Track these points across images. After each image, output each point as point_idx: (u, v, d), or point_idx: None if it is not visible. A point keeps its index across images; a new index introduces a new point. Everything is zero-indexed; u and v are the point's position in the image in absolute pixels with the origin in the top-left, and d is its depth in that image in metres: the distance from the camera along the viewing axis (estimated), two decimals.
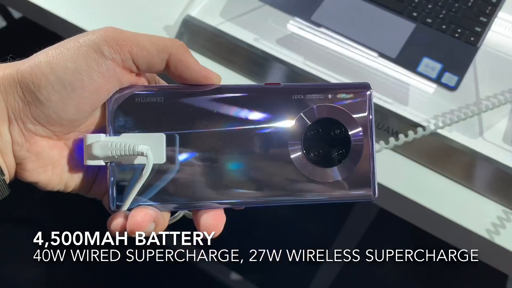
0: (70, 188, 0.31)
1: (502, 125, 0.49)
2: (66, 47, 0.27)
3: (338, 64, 0.52)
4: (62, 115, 0.27)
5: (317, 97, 0.31)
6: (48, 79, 0.26)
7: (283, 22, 0.54)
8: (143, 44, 0.28)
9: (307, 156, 0.30)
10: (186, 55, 0.29)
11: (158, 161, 0.29)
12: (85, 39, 0.27)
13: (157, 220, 0.28)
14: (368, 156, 0.31)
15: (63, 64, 0.27)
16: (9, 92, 0.27)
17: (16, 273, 0.83)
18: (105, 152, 0.28)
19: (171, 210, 0.30)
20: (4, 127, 0.27)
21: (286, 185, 0.30)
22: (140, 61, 0.28)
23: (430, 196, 0.47)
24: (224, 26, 0.54)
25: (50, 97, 0.27)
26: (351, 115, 0.31)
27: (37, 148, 0.28)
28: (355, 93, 0.31)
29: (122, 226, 0.28)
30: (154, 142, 0.29)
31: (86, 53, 0.27)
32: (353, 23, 0.52)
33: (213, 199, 0.30)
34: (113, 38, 0.27)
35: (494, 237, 0.45)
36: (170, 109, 0.30)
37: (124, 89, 0.30)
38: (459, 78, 0.49)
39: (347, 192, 0.30)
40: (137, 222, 0.27)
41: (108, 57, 0.27)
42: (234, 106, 0.30)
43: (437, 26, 0.52)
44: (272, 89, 0.31)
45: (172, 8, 0.58)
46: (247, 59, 0.53)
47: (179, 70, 0.29)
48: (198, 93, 0.30)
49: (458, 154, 0.47)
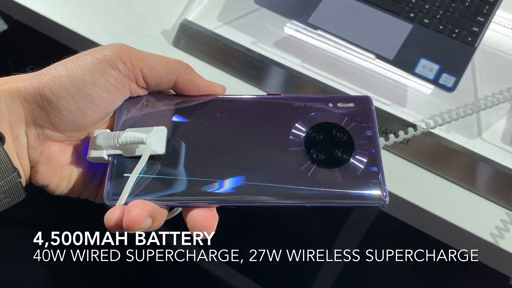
0: (78, 192, 0.33)
1: (500, 125, 0.49)
2: (84, 61, 0.29)
3: (335, 66, 0.52)
4: (80, 122, 0.30)
5: (318, 105, 0.32)
6: (68, 91, 0.29)
7: (280, 25, 0.54)
8: (154, 65, 0.31)
9: (310, 159, 0.31)
10: (192, 74, 0.32)
11: (158, 151, 0.30)
12: (101, 55, 0.30)
13: (153, 214, 0.28)
14: (375, 160, 0.31)
15: (82, 78, 0.29)
16: (29, 100, 0.29)
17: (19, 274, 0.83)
18: (107, 142, 0.30)
19: (168, 205, 0.30)
20: (21, 131, 0.29)
21: (288, 186, 0.30)
22: (150, 81, 0.31)
23: (429, 198, 0.46)
24: (221, 30, 0.54)
25: (70, 107, 0.29)
26: (353, 119, 0.31)
27: (50, 151, 0.30)
28: (355, 101, 0.32)
29: (118, 221, 0.27)
30: (156, 133, 0.30)
31: (104, 69, 0.29)
32: (349, 25, 0.52)
33: (209, 198, 0.29)
34: (127, 56, 0.30)
35: (497, 240, 0.44)
36: (175, 113, 0.32)
37: (134, 97, 0.32)
38: (456, 79, 0.49)
39: (356, 197, 0.29)
40: (133, 217, 0.27)
41: (123, 73, 0.30)
42: (237, 113, 0.32)
43: (435, 26, 0.52)
44: (274, 98, 0.33)
45: (169, 13, 0.58)
46: (245, 63, 0.53)
47: (187, 89, 0.32)
48: (203, 102, 0.32)
49: (457, 155, 0.47)
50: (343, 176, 0.30)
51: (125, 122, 0.31)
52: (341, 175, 0.30)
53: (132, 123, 0.31)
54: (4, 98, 0.28)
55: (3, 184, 0.28)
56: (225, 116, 0.32)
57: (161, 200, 0.29)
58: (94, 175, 0.33)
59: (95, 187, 0.33)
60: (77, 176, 0.32)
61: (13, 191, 0.28)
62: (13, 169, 0.28)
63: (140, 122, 0.31)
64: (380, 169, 0.30)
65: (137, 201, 0.28)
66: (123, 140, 0.29)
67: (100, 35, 0.55)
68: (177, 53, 0.55)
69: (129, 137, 0.29)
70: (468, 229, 0.45)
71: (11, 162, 0.28)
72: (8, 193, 0.28)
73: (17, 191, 0.29)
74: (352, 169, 0.30)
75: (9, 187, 0.28)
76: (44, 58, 0.34)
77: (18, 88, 0.29)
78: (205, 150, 0.31)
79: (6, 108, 0.28)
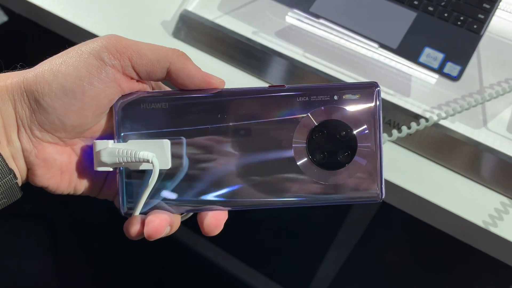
0: (80, 191, 0.32)
1: (506, 114, 0.48)
2: (69, 55, 0.28)
3: (338, 55, 0.51)
4: (65, 121, 0.28)
5: (322, 98, 0.30)
6: (51, 87, 0.27)
7: (282, 14, 0.53)
8: (143, 52, 0.29)
9: (312, 159, 0.30)
10: (187, 63, 0.30)
11: (164, 167, 0.30)
12: (87, 47, 0.28)
13: (172, 223, 0.30)
14: (375, 158, 0.30)
15: (65, 71, 0.28)
16: (17, 100, 0.28)
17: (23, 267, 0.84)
18: (112, 159, 0.29)
19: (182, 212, 0.31)
20: (14, 134, 0.28)
21: (292, 187, 0.30)
22: (140, 68, 0.29)
23: (433, 189, 0.46)
24: (222, 20, 0.53)
25: (53, 104, 0.28)
26: (357, 116, 0.30)
27: (45, 154, 0.29)
28: (362, 93, 0.30)
29: (139, 231, 0.29)
30: (160, 148, 0.30)
31: (87, 60, 0.28)
32: (352, 13, 0.51)
33: (220, 202, 0.30)
34: (113, 45, 0.28)
35: (497, 227, 0.44)
36: (175, 114, 0.31)
37: (129, 95, 0.30)
38: (461, 68, 0.48)
39: (353, 194, 0.30)
40: (155, 227, 0.28)
41: (108, 63, 0.28)
42: (238, 109, 0.31)
43: (439, 14, 0.50)
44: (276, 91, 0.31)
45: (169, 3, 0.57)
46: (246, 53, 0.52)
47: (181, 78, 0.30)
48: (201, 97, 0.31)
49: (462, 146, 0.46)
50: (344, 175, 0.30)
51: (124, 128, 0.30)
52: (342, 174, 0.30)
53: (132, 130, 0.30)
54: None
55: (0, 186, 0.28)
56: (226, 116, 0.30)
57: (174, 207, 0.31)
58: (96, 176, 0.32)
59: (97, 187, 0.33)
60: (78, 177, 0.31)
61: (9, 192, 0.28)
62: (8, 171, 0.28)
63: (140, 128, 0.30)
64: (380, 167, 0.30)
65: (156, 212, 0.30)
66: (129, 160, 0.29)
67: (99, 27, 0.55)
68: (177, 44, 0.54)
69: (135, 157, 0.29)
70: (473, 220, 0.44)
71: (7, 165, 0.28)
72: (4, 194, 0.28)
73: (14, 192, 0.29)
74: (353, 168, 0.30)
75: (6, 189, 0.28)
76: (42, 50, 0.33)
77: (6, 86, 0.28)
78: (208, 153, 0.30)
79: None
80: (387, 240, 0.83)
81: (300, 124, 0.30)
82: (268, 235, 0.93)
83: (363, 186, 0.30)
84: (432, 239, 0.77)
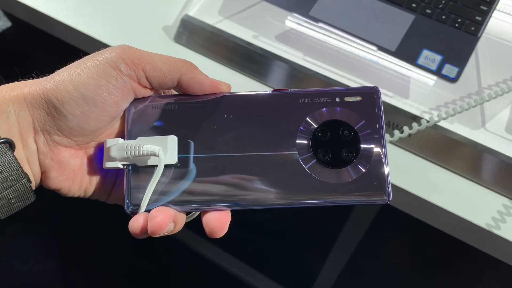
0: (90, 194, 0.33)
1: (505, 114, 0.48)
2: (86, 65, 0.30)
3: (337, 58, 0.51)
4: (85, 127, 0.30)
5: (325, 100, 0.32)
6: (71, 96, 0.29)
7: (281, 18, 0.54)
8: (156, 64, 0.31)
9: (316, 158, 0.31)
10: (196, 72, 0.32)
11: (170, 161, 0.31)
12: (103, 57, 0.30)
13: (176, 219, 0.30)
14: (380, 158, 0.31)
15: (85, 81, 0.29)
16: (35, 107, 0.29)
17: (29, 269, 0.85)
18: (121, 154, 0.30)
19: (187, 211, 0.32)
20: (30, 138, 0.30)
21: (297, 187, 0.30)
22: (153, 79, 0.31)
23: (433, 190, 0.46)
24: (222, 25, 0.54)
25: (74, 111, 0.29)
26: (360, 117, 0.31)
27: (60, 157, 0.30)
28: (363, 95, 0.32)
29: (143, 228, 0.29)
30: (167, 143, 0.31)
31: (105, 70, 0.29)
32: (351, 17, 0.52)
33: (224, 201, 0.31)
34: (128, 56, 0.30)
35: (500, 230, 0.44)
36: (183, 116, 0.32)
37: (141, 98, 0.32)
38: (459, 70, 0.48)
39: (360, 195, 0.30)
40: (158, 223, 0.29)
41: (124, 73, 0.30)
42: (244, 112, 0.32)
43: (437, 16, 0.51)
44: (280, 94, 0.32)
45: (170, 8, 0.58)
46: (247, 57, 0.53)
47: (192, 87, 0.32)
48: (209, 101, 0.32)
49: (461, 147, 0.47)
50: (349, 175, 0.31)
51: (135, 128, 0.32)
52: (347, 174, 0.31)
53: (142, 129, 0.32)
54: (13, 106, 0.29)
55: (15, 190, 0.28)
56: (232, 118, 0.32)
57: (179, 205, 0.31)
58: (106, 178, 0.33)
59: (107, 190, 0.34)
60: (89, 180, 0.32)
61: (24, 196, 0.29)
62: (23, 175, 0.29)
63: (150, 127, 0.32)
64: (385, 167, 0.31)
65: (159, 207, 0.30)
66: (136, 153, 0.30)
67: (101, 33, 0.55)
68: (178, 49, 0.55)
69: (142, 151, 0.30)
70: (473, 220, 0.45)
71: (22, 168, 0.28)
72: (19, 197, 0.29)
73: (28, 195, 0.29)
74: (358, 169, 0.31)
75: (20, 192, 0.29)
76: (46, 56, 0.34)
77: (24, 94, 0.29)
78: (215, 153, 0.31)
79: (15, 115, 0.29)
80: (389, 241, 0.84)
81: (304, 125, 0.31)
82: (270, 236, 0.94)
83: (371, 187, 0.30)
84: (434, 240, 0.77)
